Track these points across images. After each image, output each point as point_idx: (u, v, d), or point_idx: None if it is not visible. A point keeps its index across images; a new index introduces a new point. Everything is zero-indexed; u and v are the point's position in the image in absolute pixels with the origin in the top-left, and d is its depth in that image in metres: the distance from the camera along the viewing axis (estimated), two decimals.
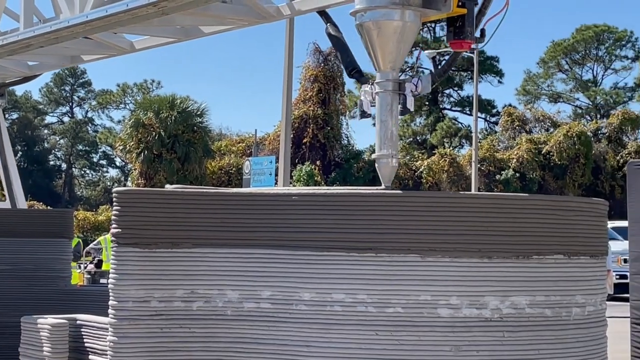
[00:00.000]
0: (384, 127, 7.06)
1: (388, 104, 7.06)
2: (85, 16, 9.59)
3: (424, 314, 6.10)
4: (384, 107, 7.08)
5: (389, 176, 7.09)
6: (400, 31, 6.93)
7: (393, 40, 6.96)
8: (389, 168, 7.07)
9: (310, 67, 48.52)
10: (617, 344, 12.37)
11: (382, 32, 6.92)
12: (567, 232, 6.44)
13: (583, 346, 6.48)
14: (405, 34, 6.98)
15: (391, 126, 7.06)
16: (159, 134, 42.89)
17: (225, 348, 6.36)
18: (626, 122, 55.05)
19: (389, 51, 7.00)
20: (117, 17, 9.30)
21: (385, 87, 7.07)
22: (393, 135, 7.06)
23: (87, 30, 10.01)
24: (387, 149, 7.03)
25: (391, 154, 7.03)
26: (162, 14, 9.12)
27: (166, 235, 6.44)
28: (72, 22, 9.80)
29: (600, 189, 50.89)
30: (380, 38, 6.95)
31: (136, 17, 9.26)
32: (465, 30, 7.25)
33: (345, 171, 47.37)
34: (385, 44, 6.98)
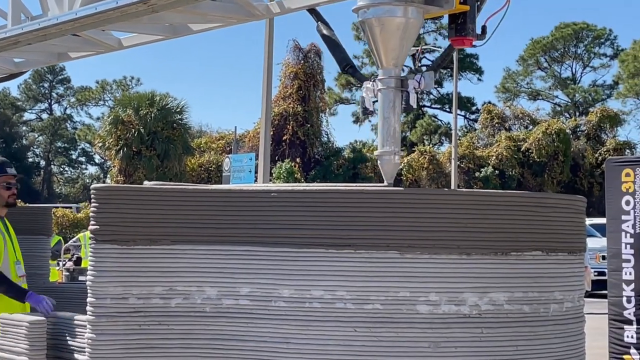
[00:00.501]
0: (387, 124, 7.05)
1: (391, 101, 7.05)
2: (75, 13, 9.54)
3: (403, 310, 6.10)
4: (386, 104, 7.07)
5: (392, 173, 7.11)
6: (403, 28, 6.90)
7: (396, 37, 6.93)
8: (391, 165, 7.08)
9: (290, 65, 48.47)
10: (596, 341, 12.44)
11: (385, 28, 6.89)
12: (545, 228, 6.46)
13: (561, 342, 6.50)
14: (408, 30, 6.96)
15: (394, 123, 7.04)
16: (138, 131, 42.75)
17: (204, 345, 6.35)
18: (605, 120, 55.29)
19: (392, 48, 6.98)
20: (107, 14, 9.27)
21: (388, 84, 7.05)
22: (396, 132, 7.04)
23: (76, 27, 9.96)
24: (389, 146, 7.02)
25: (394, 151, 7.03)
26: (152, 11, 9.09)
27: (144, 232, 6.41)
28: (61, 20, 9.76)
29: (579, 186, 51.08)
30: (383, 35, 6.92)
31: (125, 14, 9.23)
32: (467, 27, 7.22)
33: (325, 168, 47.35)
34: (388, 41, 6.95)
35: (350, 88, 68.43)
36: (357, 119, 69.71)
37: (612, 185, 11.25)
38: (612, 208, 11.17)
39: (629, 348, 10.87)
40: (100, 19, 9.49)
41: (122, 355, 6.34)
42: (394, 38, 6.95)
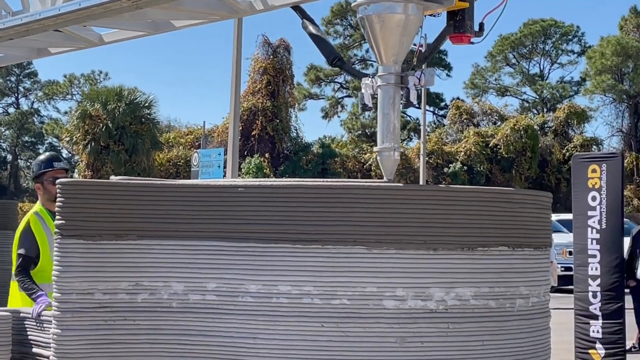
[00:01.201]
0: (386, 121, 7.10)
1: (390, 97, 7.10)
2: (58, 9, 9.49)
3: (370, 305, 6.11)
4: (386, 101, 7.12)
5: (391, 169, 7.15)
6: (403, 24, 6.95)
7: (396, 34, 6.97)
8: (391, 161, 7.13)
9: (259, 60, 48.35)
10: (562, 336, 12.53)
11: (385, 25, 6.92)
12: (512, 224, 6.49)
13: (527, 337, 6.53)
14: (408, 27, 7.00)
15: (393, 119, 7.09)
16: (106, 126, 42.49)
17: (171, 340, 6.32)
18: (572, 116, 55.63)
19: (392, 44, 7.02)
20: (90, 10, 9.22)
21: (388, 81, 7.11)
22: (395, 128, 7.09)
23: (59, 23, 9.91)
24: (389, 142, 7.08)
25: (393, 147, 7.08)
26: (136, 7, 9.06)
27: (110, 227, 6.38)
28: (44, 15, 9.70)
29: (546, 182, 51.37)
30: (383, 31, 6.96)
31: (109, 10, 9.20)
32: (465, 24, 7.31)
33: (294, 163, 47.30)
34: (388, 37, 6.99)
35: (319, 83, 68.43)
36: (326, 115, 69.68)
37: (578, 181, 11.32)
38: (579, 204, 11.25)
39: (594, 343, 10.96)
40: (83, 14, 9.45)
41: (88, 350, 6.31)
42: (394, 35, 6.99)
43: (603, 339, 10.77)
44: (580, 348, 11.00)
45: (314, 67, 67.05)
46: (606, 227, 10.80)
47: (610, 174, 10.85)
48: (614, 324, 10.70)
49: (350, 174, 47.24)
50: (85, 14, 9.38)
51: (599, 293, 10.83)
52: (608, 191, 10.82)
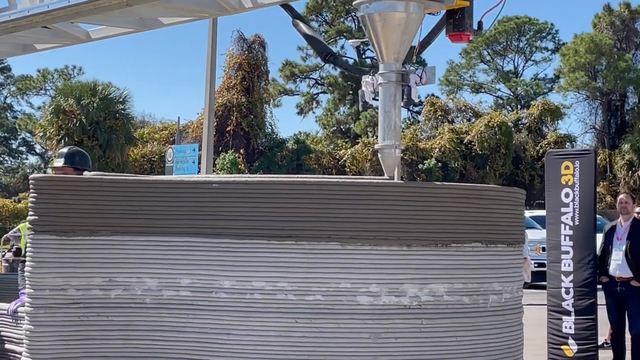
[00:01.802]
0: (388, 118, 7.11)
1: (391, 95, 7.13)
2: (47, 6, 9.48)
3: (344, 301, 6.13)
4: (387, 98, 7.14)
5: (392, 166, 7.13)
6: (404, 23, 7.02)
7: (397, 32, 7.04)
8: (392, 158, 7.13)
9: (234, 55, 48.16)
10: (535, 332, 12.56)
11: (386, 23, 6.99)
12: (485, 220, 6.52)
13: (500, 333, 6.57)
14: (409, 25, 7.07)
15: (394, 117, 7.13)
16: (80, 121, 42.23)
17: (144, 336, 6.32)
18: (546, 113, 55.78)
19: (393, 42, 7.08)
20: (79, 7, 9.21)
21: (389, 79, 7.15)
22: (396, 126, 7.13)
23: (47, 20, 9.88)
24: (390, 140, 7.08)
25: (394, 144, 7.10)
26: (126, 5, 9.05)
27: (84, 222, 6.36)
28: (32, 12, 9.68)
29: (520, 178, 51.49)
30: (384, 29, 7.03)
31: (99, 8, 9.19)
32: (465, 23, 7.42)
33: (269, 159, 47.19)
34: (390, 36, 7.05)
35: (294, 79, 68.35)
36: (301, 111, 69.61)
37: (551, 177, 11.36)
38: (552, 200, 11.29)
39: (567, 339, 11.01)
40: (72, 12, 9.44)
41: (61, 346, 6.29)
42: (396, 33, 7.06)
43: (575, 335, 10.82)
44: (553, 344, 11.05)
45: (289, 63, 66.90)
46: (579, 223, 10.84)
47: (583, 170, 10.90)
48: (587, 320, 10.75)
49: (325, 170, 47.20)
50: (74, 10, 9.36)
51: (571, 289, 10.89)
52: (581, 188, 10.87)
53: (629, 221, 11.07)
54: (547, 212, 11.44)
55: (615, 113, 59.29)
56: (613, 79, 55.86)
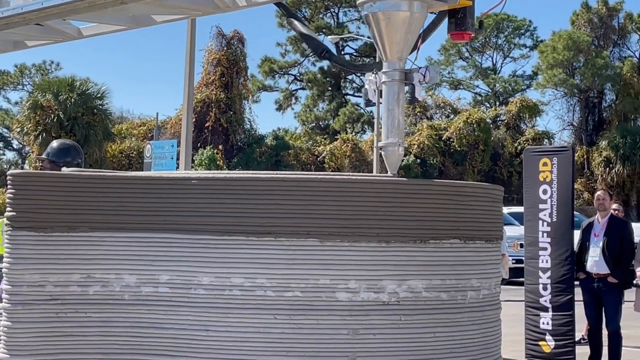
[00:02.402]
0: (391, 116, 7.21)
1: (395, 93, 7.22)
2: (41, 3, 9.43)
3: (323, 297, 6.14)
4: (391, 96, 7.24)
5: (395, 164, 7.22)
6: (408, 22, 7.13)
7: (401, 31, 7.15)
8: (395, 156, 7.21)
9: (213, 51, 48.04)
10: (512, 327, 12.61)
11: (390, 22, 7.10)
12: (463, 216, 6.55)
13: (478, 329, 6.60)
14: (413, 24, 7.19)
15: (398, 115, 7.24)
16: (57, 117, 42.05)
17: (122, 333, 6.31)
18: (524, 110, 55.95)
19: (397, 41, 7.19)
20: (74, 5, 9.19)
21: (393, 77, 7.24)
22: (400, 124, 7.24)
23: (40, 17, 9.84)
24: (394, 137, 7.19)
25: (398, 142, 7.20)
26: (121, 2, 9.04)
27: (62, 219, 6.34)
28: (26, 9, 9.63)
29: (498, 175, 51.62)
30: (388, 28, 7.13)
31: (93, 5, 9.16)
32: (467, 22, 7.52)
33: (247, 156, 47.11)
34: (394, 34, 7.16)
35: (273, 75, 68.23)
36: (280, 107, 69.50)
37: (529, 174, 11.39)
38: (530, 197, 11.32)
39: (544, 334, 11.05)
40: (66, 9, 9.42)
41: (39, 343, 6.27)
42: (400, 32, 7.18)
43: (553, 331, 10.86)
44: (531, 340, 11.08)
45: (268, 59, 66.77)
46: (557, 220, 10.88)
47: (561, 167, 10.93)
48: (564, 316, 10.78)
49: (304, 167, 47.19)
50: (69, 8, 9.34)
51: (549, 285, 10.92)
52: (559, 184, 10.90)
53: (606, 218, 11.11)
54: (524, 208, 11.48)
55: (592, 110, 59.54)
56: (591, 76, 56.09)
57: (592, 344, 11.22)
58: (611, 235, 10.94)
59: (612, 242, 10.91)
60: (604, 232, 10.99)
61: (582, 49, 56.56)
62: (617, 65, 57.78)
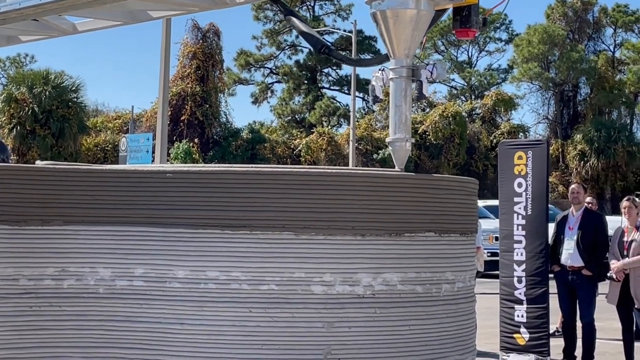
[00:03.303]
0: (399, 112, 7.31)
1: (402, 90, 7.34)
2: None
3: (298, 291, 6.14)
4: (398, 93, 7.35)
5: (403, 159, 7.29)
6: (415, 19, 7.28)
7: (409, 29, 7.29)
8: (403, 151, 7.29)
9: (189, 44, 47.92)
10: (488, 320, 12.66)
11: (398, 20, 7.24)
12: (438, 210, 6.56)
13: (452, 321, 6.62)
14: (420, 22, 7.34)
15: (405, 111, 7.34)
16: (32, 110, 41.82)
17: (97, 326, 6.28)
18: (499, 103, 56.18)
19: (404, 38, 7.32)
20: (72, 0, 9.13)
21: (400, 74, 7.36)
22: (407, 119, 7.33)
23: (38, 12, 9.77)
24: (401, 133, 7.28)
25: (405, 137, 7.29)
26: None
27: (36, 212, 6.31)
28: (24, 5, 9.54)
29: (474, 168, 51.80)
30: (396, 26, 7.27)
31: (92, 1, 9.12)
32: (472, 20, 7.70)
33: (223, 149, 47.03)
34: (402, 32, 7.30)
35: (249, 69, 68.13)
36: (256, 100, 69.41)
37: (504, 167, 11.43)
38: (505, 190, 11.37)
39: (519, 327, 11.10)
40: (64, 5, 9.37)
41: (13, 336, 6.23)
42: (407, 29, 7.32)
43: (527, 323, 10.91)
44: (505, 332, 11.13)
45: (243, 52, 66.66)
46: (531, 213, 10.93)
47: (535, 160, 10.97)
48: (538, 308, 10.84)
49: (279, 160, 47.15)
50: (67, 4, 9.29)
51: (523, 278, 10.97)
52: (534, 178, 10.95)
53: (580, 211, 11.17)
54: (500, 201, 11.52)
55: (567, 104, 59.83)
56: (566, 70, 56.35)
57: (567, 336, 11.29)
58: (585, 228, 11.00)
59: (586, 235, 10.96)
60: (578, 225, 11.04)
61: (557, 42, 56.80)
62: (592, 59, 58.09)
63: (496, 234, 12.97)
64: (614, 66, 58.63)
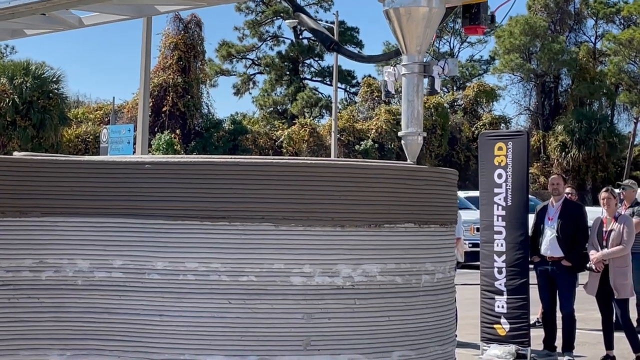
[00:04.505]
0: (411, 107, 7.56)
1: (414, 85, 7.59)
2: None
3: (277, 282, 6.14)
4: (410, 88, 7.61)
5: (415, 152, 7.52)
6: (427, 17, 7.52)
7: (421, 26, 7.52)
8: (415, 145, 7.53)
9: (170, 35, 47.75)
10: (469, 311, 12.70)
11: (411, 17, 7.46)
12: (418, 201, 6.56)
13: (432, 312, 6.63)
14: (432, 19, 7.60)
15: (417, 105, 7.57)
16: (12, 101, 41.61)
17: (75, 318, 6.26)
18: (481, 94, 56.31)
19: (417, 35, 7.55)
20: None
21: (412, 70, 7.61)
22: (419, 114, 7.56)
23: (48, 7, 9.73)
24: (413, 127, 7.52)
25: (417, 131, 7.53)
26: None
27: (14, 204, 6.27)
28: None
29: (455, 159, 51.90)
30: (409, 23, 7.49)
31: None
32: (481, 17, 7.95)
33: (205, 140, 46.93)
34: (414, 29, 7.53)
35: (231, 60, 67.98)
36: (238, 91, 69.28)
37: (485, 158, 11.46)
38: (485, 181, 11.39)
39: (499, 318, 11.13)
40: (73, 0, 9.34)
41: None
42: (419, 26, 7.54)
43: (508, 314, 10.95)
44: (486, 323, 11.16)
45: (225, 43, 66.52)
46: (512, 204, 10.96)
47: (516, 152, 11.00)
48: (518, 299, 10.87)
49: (262, 151, 47.09)
50: None
51: (504, 269, 11.00)
52: (514, 169, 10.97)
53: (560, 202, 11.21)
54: (480, 192, 11.55)
55: (549, 95, 59.99)
56: (547, 61, 56.48)
57: (547, 326, 11.33)
58: (565, 219, 11.04)
59: (566, 226, 11.01)
60: (558, 215, 11.08)
61: (538, 34, 56.92)
62: (573, 50, 58.25)
63: (477, 225, 12.99)
64: (595, 57, 58.80)
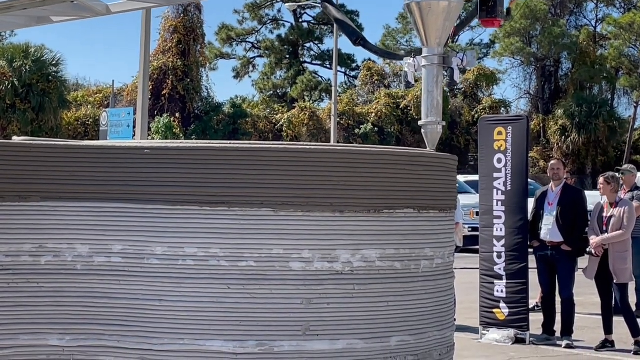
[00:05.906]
0: (431, 97, 7.95)
1: (434, 76, 7.96)
2: None
3: (276, 267, 6.14)
4: (430, 79, 7.98)
5: (435, 140, 7.94)
6: (447, 11, 7.87)
7: (441, 19, 7.88)
8: (435, 133, 8.00)
9: (170, 18, 47.66)
10: (468, 295, 12.73)
11: (432, 11, 7.82)
12: (417, 186, 6.56)
13: (431, 298, 6.63)
14: (451, 13, 7.94)
15: (437, 96, 7.95)
16: (12, 84, 41.55)
17: (75, 303, 6.26)
18: (481, 78, 56.24)
19: (437, 28, 7.91)
20: None
21: (432, 61, 7.99)
22: (439, 104, 7.95)
23: None
24: (433, 117, 7.98)
25: (437, 121, 7.97)
26: None
27: (13, 188, 6.27)
28: None
29: (456, 143, 51.84)
30: (430, 17, 7.85)
31: None
32: (497, 10, 8.32)
33: (205, 123, 46.87)
34: (435, 22, 7.89)
35: (230, 43, 67.83)
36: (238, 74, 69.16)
37: (484, 143, 11.46)
38: (485, 166, 11.40)
39: (498, 302, 11.17)
40: None
41: None
42: (439, 20, 7.89)
43: (507, 299, 10.98)
44: (485, 307, 11.19)
45: (225, 27, 66.39)
46: (511, 188, 10.97)
47: (515, 136, 11.01)
48: (518, 283, 10.90)
49: (261, 135, 47.03)
50: None
51: (503, 253, 11.02)
52: (513, 153, 10.98)
53: (560, 186, 11.23)
54: (480, 177, 11.56)
55: (549, 79, 59.90)
56: (547, 45, 56.37)
57: (546, 311, 11.36)
58: (565, 203, 11.06)
59: (565, 211, 11.02)
60: (558, 200, 11.10)
61: (539, 17, 56.81)
62: (574, 34, 58.13)
63: (477, 209, 13.01)
64: (595, 41, 58.68)
